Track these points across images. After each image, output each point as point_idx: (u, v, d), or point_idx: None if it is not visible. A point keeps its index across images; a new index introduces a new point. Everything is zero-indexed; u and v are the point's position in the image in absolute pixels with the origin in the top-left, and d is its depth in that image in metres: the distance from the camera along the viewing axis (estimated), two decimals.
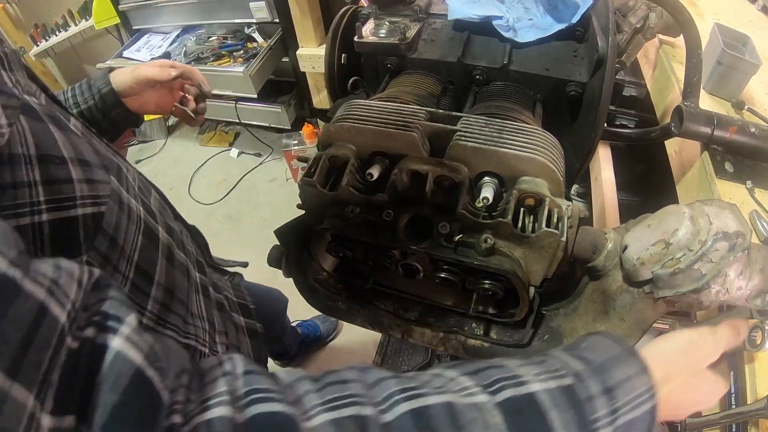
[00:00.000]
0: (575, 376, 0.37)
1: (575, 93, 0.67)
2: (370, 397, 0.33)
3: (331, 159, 0.61)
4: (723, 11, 1.18)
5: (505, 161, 0.54)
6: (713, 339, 0.46)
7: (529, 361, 0.40)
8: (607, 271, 0.59)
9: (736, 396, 0.67)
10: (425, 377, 0.37)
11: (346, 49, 0.81)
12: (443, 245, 0.55)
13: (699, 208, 0.54)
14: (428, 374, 0.38)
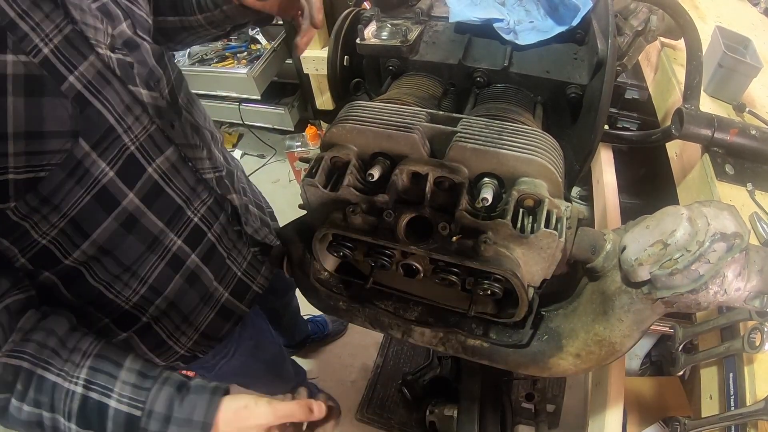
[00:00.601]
0: (148, 413, 0.50)
1: (575, 95, 0.68)
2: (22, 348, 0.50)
3: (333, 159, 0.62)
4: (724, 14, 1.19)
5: (504, 162, 0.55)
6: (267, 409, 0.52)
7: (137, 384, 0.52)
8: (606, 272, 0.60)
9: (735, 398, 0.68)
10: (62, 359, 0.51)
11: (349, 51, 0.82)
12: (443, 246, 0.56)
13: (697, 209, 0.54)
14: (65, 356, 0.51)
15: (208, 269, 0.76)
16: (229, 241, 0.79)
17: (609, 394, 0.80)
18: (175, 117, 0.68)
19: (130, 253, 0.63)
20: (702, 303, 0.54)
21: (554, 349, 0.63)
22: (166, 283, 0.70)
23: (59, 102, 0.49)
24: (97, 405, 0.50)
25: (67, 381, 0.50)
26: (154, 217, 0.64)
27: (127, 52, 0.60)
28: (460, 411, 1.33)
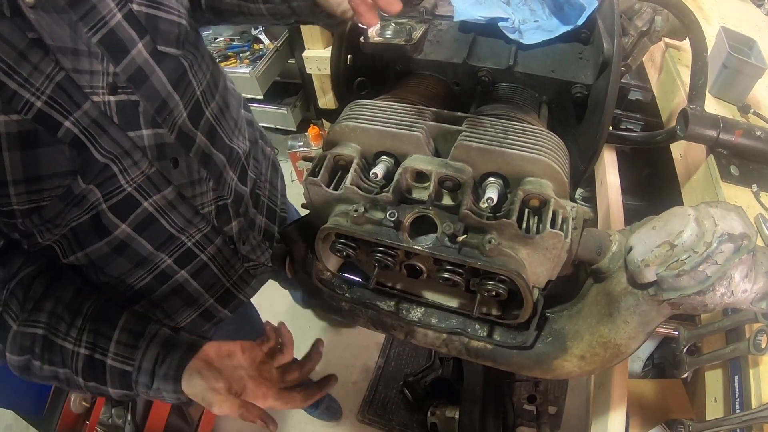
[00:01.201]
0: (138, 369, 0.58)
1: (580, 95, 0.67)
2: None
3: (336, 158, 0.62)
4: (729, 15, 1.18)
5: (510, 162, 0.54)
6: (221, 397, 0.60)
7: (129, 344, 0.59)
8: (612, 273, 0.59)
9: (740, 401, 0.67)
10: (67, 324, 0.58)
11: (352, 50, 0.82)
12: (447, 246, 0.55)
13: (704, 210, 0.54)
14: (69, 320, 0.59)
15: (196, 282, 0.77)
16: (222, 259, 0.80)
17: (612, 396, 0.79)
18: (182, 152, 0.66)
19: (118, 269, 0.67)
20: (709, 305, 0.53)
21: (559, 351, 0.63)
22: (151, 291, 0.73)
23: (56, 149, 0.52)
24: (98, 362, 0.59)
25: (73, 344, 0.59)
26: (145, 243, 0.66)
27: (132, 90, 0.58)
28: (462, 412, 1.33)
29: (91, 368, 0.59)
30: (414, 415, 1.65)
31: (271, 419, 0.65)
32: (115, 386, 0.59)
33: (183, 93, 0.64)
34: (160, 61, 0.60)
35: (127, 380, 0.59)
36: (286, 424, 1.77)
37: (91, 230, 0.60)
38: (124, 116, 0.57)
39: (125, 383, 0.59)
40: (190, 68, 0.65)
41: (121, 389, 0.60)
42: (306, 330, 2.01)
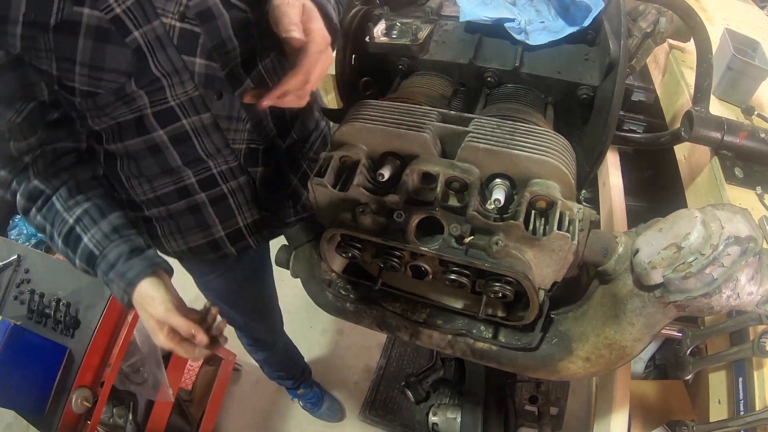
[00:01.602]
0: (103, 256, 0.67)
1: (586, 96, 0.67)
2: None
3: (342, 159, 0.61)
4: (732, 17, 1.18)
5: (517, 163, 0.54)
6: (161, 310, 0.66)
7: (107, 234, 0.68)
8: (618, 275, 0.59)
9: (744, 402, 0.67)
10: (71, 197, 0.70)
11: (357, 50, 0.81)
12: (454, 247, 0.55)
13: (711, 212, 0.54)
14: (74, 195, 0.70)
15: (212, 210, 0.84)
16: (242, 198, 0.85)
17: (615, 397, 0.79)
18: (228, 88, 0.72)
19: (148, 169, 0.76)
20: (715, 307, 0.53)
21: (564, 353, 0.63)
22: (170, 201, 0.81)
23: (121, 50, 0.61)
24: (76, 235, 0.68)
25: (66, 212, 0.69)
26: (176, 155, 0.74)
27: (198, 23, 0.65)
28: (464, 413, 1.33)
29: (69, 237, 0.69)
30: (415, 415, 1.65)
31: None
32: (81, 261, 0.69)
33: (242, 41, 0.69)
34: (229, 9, 0.67)
35: (92, 260, 0.69)
36: (287, 424, 1.77)
37: (132, 128, 0.70)
38: (184, 41, 0.65)
39: (90, 262, 0.69)
40: (256, 24, 0.70)
41: (86, 265, 0.69)
42: (308, 330, 2.01)
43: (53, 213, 0.69)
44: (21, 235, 2.43)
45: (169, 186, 0.78)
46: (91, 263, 0.68)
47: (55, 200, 0.69)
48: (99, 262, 0.68)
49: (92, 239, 0.68)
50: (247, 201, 0.85)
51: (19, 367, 1.05)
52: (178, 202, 0.81)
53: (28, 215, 0.71)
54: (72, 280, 1.20)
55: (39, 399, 1.08)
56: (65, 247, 0.69)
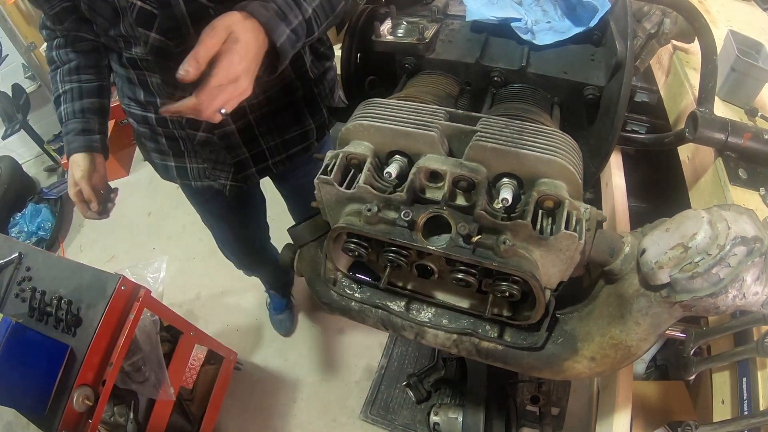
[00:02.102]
0: (66, 123, 0.99)
1: (593, 96, 0.67)
2: None
3: (349, 157, 0.61)
4: (735, 19, 1.18)
5: (525, 163, 0.54)
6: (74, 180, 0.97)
7: (76, 112, 0.98)
8: (624, 275, 0.59)
9: (748, 402, 0.67)
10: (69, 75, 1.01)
11: (362, 48, 0.81)
12: (461, 246, 0.55)
13: (717, 212, 0.54)
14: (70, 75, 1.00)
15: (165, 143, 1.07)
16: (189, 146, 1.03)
17: (617, 397, 0.79)
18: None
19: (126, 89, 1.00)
20: (720, 307, 0.53)
21: (569, 353, 0.63)
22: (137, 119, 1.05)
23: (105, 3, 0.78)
24: (59, 102, 0.99)
25: (61, 84, 0.98)
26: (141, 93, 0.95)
27: (156, 7, 0.76)
28: (466, 413, 1.33)
29: (57, 101, 0.99)
30: (416, 415, 1.65)
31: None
32: (58, 118, 0.99)
33: (198, 29, 0.68)
34: (188, 1, 0.76)
35: (60, 122, 0.98)
36: (288, 423, 1.77)
37: (116, 56, 0.93)
38: (141, 17, 0.77)
39: (60, 121, 0.98)
40: (214, 14, 0.72)
41: (59, 121, 0.99)
42: (308, 329, 2.01)
43: (56, 80, 0.99)
44: (22, 233, 2.43)
45: (138, 110, 1.00)
46: (60, 120, 0.98)
47: (59, 72, 0.99)
48: (63, 127, 0.97)
49: (65, 110, 0.97)
50: (194, 150, 1.03)
51: (20, 366, 1.04)
52: (143, 126, 1.03)
53: (49, 67, 1.02)
54: (73, 278, 1.20)
55: (40, 397, 1.08)
56: (54, 104, 0.99)
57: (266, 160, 1.03)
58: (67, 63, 0.98)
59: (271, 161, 1.04)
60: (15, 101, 2.55)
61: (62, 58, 0.98)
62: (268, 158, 1.03)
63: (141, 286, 1.23)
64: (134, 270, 2.21)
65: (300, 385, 1.86)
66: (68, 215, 2.71)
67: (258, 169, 1.04)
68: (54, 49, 0.99)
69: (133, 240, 2.49)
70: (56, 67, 0.99)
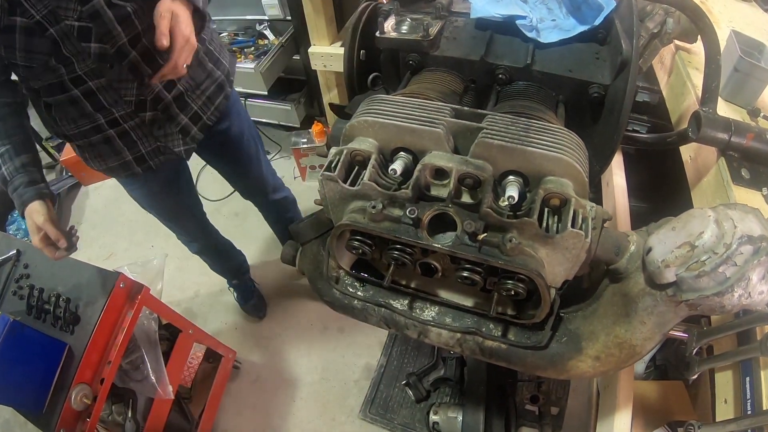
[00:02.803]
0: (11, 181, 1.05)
1: (598, 95, 0.67)
2: None
3: (353, 154, 0.61)
4: (737, 19, 1.18)
5: (531, 160, 0.54)
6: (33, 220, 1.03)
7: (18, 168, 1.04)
8: (629, 274, 0.59)
9: (751, 402, 0.67)
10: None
11: (365, 45, 0.81)
12: (467, 244, 0.55)
13: (723, 211, 0.54)
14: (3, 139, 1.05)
15: (120, 141, 1.15)
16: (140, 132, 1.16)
17: (618, 397, 0.79)
18: (116, 60, 1.00)
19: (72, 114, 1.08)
20: (726, 306, 0.53)
21: (573, 352, 0.62)
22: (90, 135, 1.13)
23: (42, 39, 0.91)
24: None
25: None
26: (88, 105, 1.05)
27: (89, 21, 0.92)
28: (465, 413, 1.33)
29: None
30: (416, 414, 1.65)
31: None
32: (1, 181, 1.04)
33: (125, 28, 0.96)
34: (111, 8, 0.93)
35: (5, 182, 1.04)
36: (286, 422, 1.77)
37: (57, 88, 1.01)
38: (82, 33, 0.93)
39: (4, 182, 1.04)
40: (134, 14, 0.96)
41: (2, 183, 1.04)
42: (308, 327, 2.00)
43: None
44: (20, 230, 2.41)
45: (87, 125, 1.10)
46: (5, 184, 1.04)
47: None
48: (9, 185, 1.03)
49: (7, 169, 1.03)
50: (145, 135, 1.16)
51: (18, 364, 1.03)
52: (96, 136, 1.12)
53: None
54: (72, 275, 1.19)
55: (38, 395, 1.07)
56: None
57: (201, 117, 1.24)
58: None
59: (205, 117, 1.25)
60: None
61: None
62: (202, 115, 1.24)
63: (140, 284, 1.22)
64: (133, 268, 2.20)
65: (299, 383, 1.85)
66: (66, 213, 2.69)
67: (199, 127, 1.24)
68: None
69: (132, 238, 2.48)
70: None
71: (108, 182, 2.78)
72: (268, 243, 2.31)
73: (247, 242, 2.32)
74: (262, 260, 2.25)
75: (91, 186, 2.81)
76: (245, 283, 2.02)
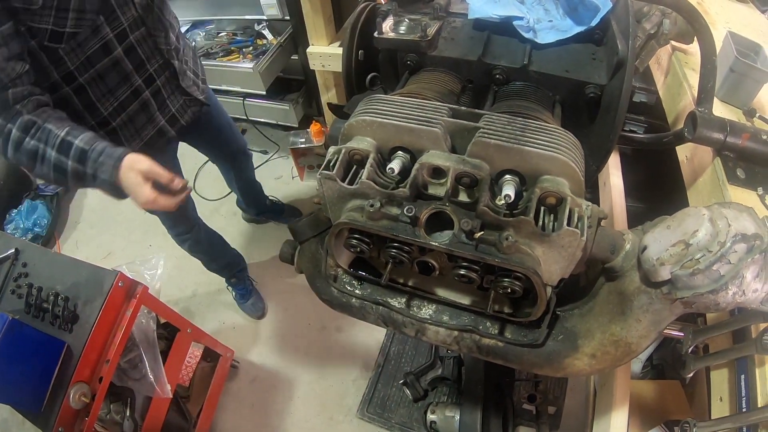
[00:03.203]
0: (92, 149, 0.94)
1: (594, 95, 0.68)
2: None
3: (351, 153, 0.61)
4: (734, 21, 1.19)
5: (528, 159, 0.54)
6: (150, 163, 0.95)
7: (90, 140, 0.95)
8: (625, 272, 0.60)
9: (746, 399, 0.68)
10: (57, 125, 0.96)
11: (363, 45, 0.81)
12: (464, 242, 0.55)
13: (717, 210, 0.54)
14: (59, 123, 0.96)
15: (155, 102, 1.24)
16: (169, 89, 1.27)
17: (615, 396, 0.80)
18: (149, 13, 1.13)
19: (112, 81, 1.12)
20: (721, 303, 0.54)
21: (570, 350, 0.63)
22: (129, 104, 1.18)
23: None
24: (68, 142, 0.93)
25: (57, 130, 0.94)
26: (128, 63, 1.12)
27: None
28: (463, 412, 1.33)
29: (62, 145, 0.93)
30: (413, 413, 1.65)
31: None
32: (74, 159, 0.93)
33: None
34: None
35: (83, 155, 0.93)
36: (284, 421, 1.77)
37: (101, 52, 1.04)
38: None
39: (81, 157, 0.92)
40: None
41: (77, 162, 0.93)
42: (306, 327, 2.00)
43: (46, 133, 0.93)
44: (18, 229, 2.41)
45: (126, 91, 1.14)
46: (83, 157, 0.93)
47: (47, 125, 0.94)
48: (89, 155, 0.93)
49: (81, 142, 0.94)
50: (173, 91, 1.27)
51: (16, 362, 1.03)
52: (133, 104, 1.17)
53: (21, 145, 0.93)
54: (70, 274, 1.19)
55: (36, 394, 1.07)
56: (59, 155, 0.93)
57: (197, 83, 1.37)
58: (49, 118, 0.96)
59: (200, 81, 1.39)
60: None
61: (40, 118, 0.95)
62: (197, 81, 1.38)
63: (138, 283, 1.23)
64: (131, 267, 2.19)
65: (297, 383, 1.85)
66: (64, 212, 2.69)
67: (200, 90, 1.37)
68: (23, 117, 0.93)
69: (130, 237, 2.48)
70: (38, 126, 0.94)
71: None
72: (267, 242, 2.31)
73: (246, 242, 2.33)
74: (260, 259, 2.25)
75: None
76: (243, 282, 2.03)
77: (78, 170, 0.93)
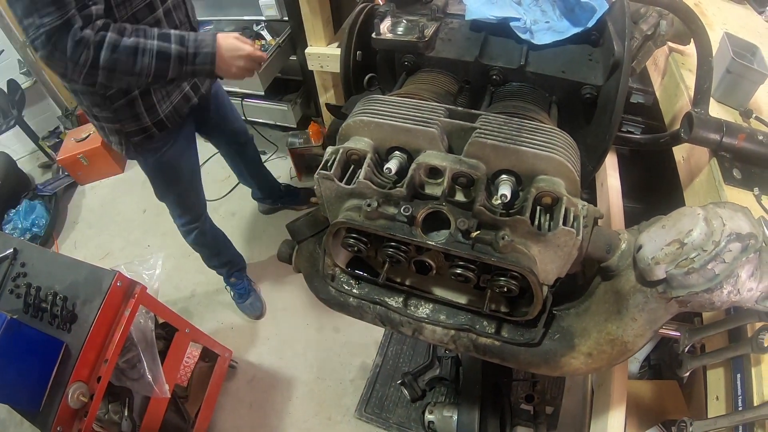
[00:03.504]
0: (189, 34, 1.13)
1: (590, 96, 0.68)
2: None
3: (349, 153, 0.62)
4: (731, 22, 1.20)
5: (524, 159, 0.55)
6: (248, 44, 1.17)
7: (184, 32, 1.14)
8: (621, 271, 0.60)
9: (743, 398, 0.68)
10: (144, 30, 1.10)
11: (361, 46, 0.82)
12: (460, 241, 0.55)
13: (712, 210, 0.55)
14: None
15: None
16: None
17: (612, 396, 0.80)
18: None
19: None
20: (716, 302, 0.54)
21: (566, 348, 0.63)
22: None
23: None
24: (166, 34, 1.08)
25: (149, 30, 1.07)
26: (166, 25, 1.21)
27: None
28: (460, 412, 1.33)
29: (162, 35, 1.07)
30: (411, 413, 1.65)
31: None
32: (176, 42, 1.08)
33: None
34: None
35: (183, 39, 1.09)
36: (283, 421, 1.77)
37: (146, 9, 1.14)
38: None
39: (182, 40, 1.08)
40: None
41: (179, 43, 1.08)
42: (304, 328, 2.01)
43: (143, 31, 1.06)
44: (16, 229, 2.41)
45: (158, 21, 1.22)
46: (183, 40, 1.09)
47: (138, 28, 1.06)
48: (188, 37, 1.09)
49: (177, 35, 1.09)
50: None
51: (14, 362, 1.03)
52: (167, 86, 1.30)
53: (119, 45, 1.02)
54: (69, 274, 1.19)
55: (35, 394, 1.07)
56: (161, 42, 1.07)
57: None
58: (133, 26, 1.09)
59: None
60: (10, 97, 2.54)
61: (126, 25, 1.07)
62: None
63: (137, 283, 1.23)
64: (129, 267, 2.19)
65: (295, 383, 1.85)
66: (62, 212, 2.69)
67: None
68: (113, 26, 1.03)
69: (128, 237, 2.48)
70: (134, 28, 1.05)
71: (104, 181, 2.79)
72: (265, 242, 2.31)
73: (245, 241, 2.33)
74: (258, 259, 2.25)
75: (87, 185, 2.81)
76: (242, 282, 2.03)
77: (181, 52, 1.07)
